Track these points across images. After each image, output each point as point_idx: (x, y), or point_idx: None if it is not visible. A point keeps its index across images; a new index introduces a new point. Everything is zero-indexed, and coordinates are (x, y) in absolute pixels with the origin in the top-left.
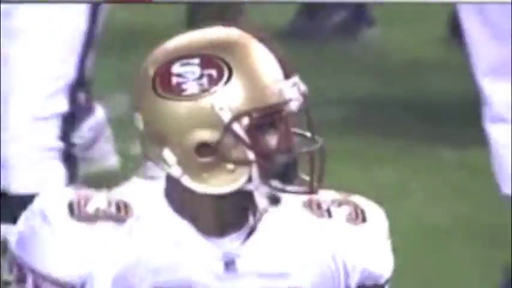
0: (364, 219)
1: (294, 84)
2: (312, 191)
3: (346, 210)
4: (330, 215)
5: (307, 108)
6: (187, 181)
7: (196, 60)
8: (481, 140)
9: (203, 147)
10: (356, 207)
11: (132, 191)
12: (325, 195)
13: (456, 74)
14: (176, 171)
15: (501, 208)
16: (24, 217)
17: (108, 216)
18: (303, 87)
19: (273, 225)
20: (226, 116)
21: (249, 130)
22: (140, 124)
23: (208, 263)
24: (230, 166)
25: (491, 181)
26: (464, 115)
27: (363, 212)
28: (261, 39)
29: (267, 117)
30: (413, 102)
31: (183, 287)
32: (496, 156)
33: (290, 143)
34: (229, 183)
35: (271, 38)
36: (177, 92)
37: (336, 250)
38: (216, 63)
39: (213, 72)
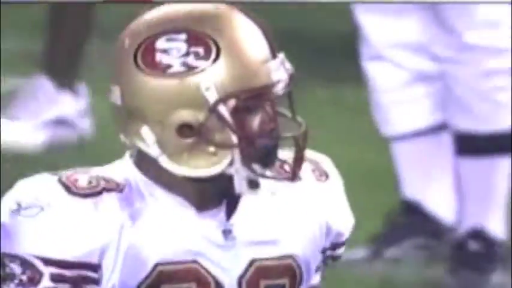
0: (326, 175)
1: (281, 63)
2: (294, 177)
3: (308, 168)
4: (299, 176)
5: (290, 89)
6: (164, 161)
7: (183, 36)
8: (358, 78)
9: (185, 128)
10: (314, 163)
11: (101, 169)
12: (282, 156)
13: (335, 10)
14: (154, 150)
15: (379, 148)
16: (7, 214)
17: (106, 188)
18: (289, 66)
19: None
20: (212, 97)
21: (234, 112)
22: (118, 99)
23: (207, 234)
24: (212, 148)
25: (369, 120)
26: (343, 52)
27: (322, 167)
28: (248, 15)
29: (254, 99)
30: (290, 38)
31: (187, 259)
32: (374, 95)
33: (274, 126)
34: (210, 166)
35: (255, 15)
36: (161, 69)
37: (317, 212)
38: (204, 40)
39: (200, 50)
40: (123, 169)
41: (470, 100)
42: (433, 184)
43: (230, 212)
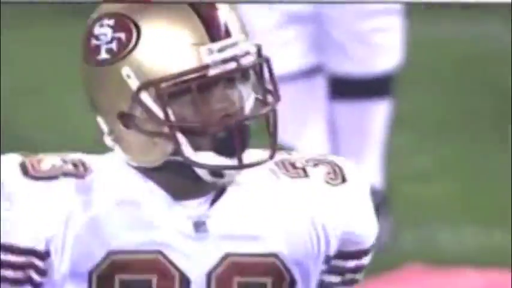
0: (343, 179)
1: (223, 49)
2: (240, 164)
3: (323, 169)
4: (306, 174)
5: (245, 71)
6: (119, 152)
7: (111, 22)
8: None
9: (125, 118)
10: (334, 166)
11: (90, 155)
12: (299, 155)
13: None
14: (108, 141)
15: None
16: None
17: (67, 172)
18: (244, 49)
19: (244, 186)
20: (134, 85)
21: (160, 99)
22: None
23: (177, 224)
24: (155, 139)
25: None
26: None
27: (342, 171)
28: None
29: (180, 84)
30: None
31: (150, 249)
32: None
33: (229, 111)
34: (154, 156)
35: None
36: (93, 56)
37: (315, 213)
38: (127, 25)
39: (122, 36)
40: (113, 155)
41: (345, 41)
42: (306, 129)
43: (213, 201)
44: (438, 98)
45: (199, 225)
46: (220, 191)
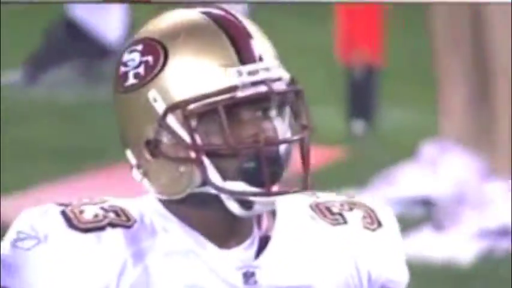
0: (379, 224)
1: (253, 72)
2: (268, 192)
3: (359, 214)
4: (344, 220)
5: (285, 97)
6: (147, 185)
7: (140, 47)
8: None
9: (152, 145)
10: (367, 210)
11: (122, 200)
12: (329, 198)
13: None
14: (136, 174)
15: None
16: (7, 245)
17: (113, 223)
18: (276, 75)
19: (287, 233)
20: (160, 108)
21: (186, 122)
22: None
23: (226, 275)
24: (182, 168)
25: None
26: None
27: (375, 214)
28: (225, 21)
29: (208, 106)
30: None
31: None
32: None
33: (261, 136)
34: (180, 186)
35: (241, 20)
36: (121, 83)
37: (359, 260)
38: (155, 48)
39: (150, 59)
40: (144, 202)
41: None
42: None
43: (259, 252)
44: None
45: (248, 277)
46: (264, 240)
